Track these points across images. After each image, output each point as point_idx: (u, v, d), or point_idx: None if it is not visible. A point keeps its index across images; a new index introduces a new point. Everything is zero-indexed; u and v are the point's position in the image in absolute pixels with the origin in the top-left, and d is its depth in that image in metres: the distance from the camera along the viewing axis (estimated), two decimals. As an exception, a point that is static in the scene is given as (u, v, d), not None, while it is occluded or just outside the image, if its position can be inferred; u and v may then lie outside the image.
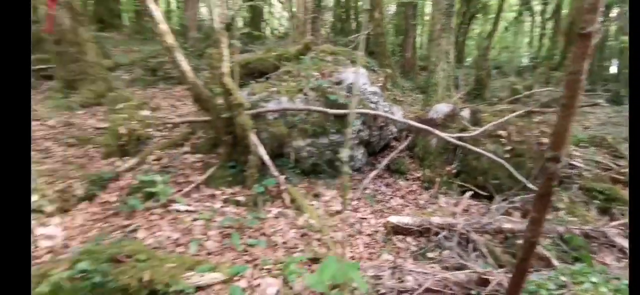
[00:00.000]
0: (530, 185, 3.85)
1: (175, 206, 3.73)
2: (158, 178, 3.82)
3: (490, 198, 4.28)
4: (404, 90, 8.74)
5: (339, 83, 4.75)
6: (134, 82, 7.62)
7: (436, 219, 3.44)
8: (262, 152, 4.13)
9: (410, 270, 2.52)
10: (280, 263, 3.02)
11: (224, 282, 2.72)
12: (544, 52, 13.10)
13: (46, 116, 5.46)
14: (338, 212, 4.05)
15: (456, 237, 3.16)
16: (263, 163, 4.14)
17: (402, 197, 4.52)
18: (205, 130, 5.00)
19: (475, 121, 4.77)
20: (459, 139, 4.25)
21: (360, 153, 4.95)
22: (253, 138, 4.07)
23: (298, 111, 4.32)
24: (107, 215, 3.62)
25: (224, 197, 4.06)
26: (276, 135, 4.33)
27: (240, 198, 4.04)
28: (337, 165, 4.79)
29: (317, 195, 4.36)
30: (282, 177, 4.14)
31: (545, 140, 4.32)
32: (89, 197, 3.80)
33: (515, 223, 3.24)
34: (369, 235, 3.64)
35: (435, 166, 4.75)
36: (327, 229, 3.56)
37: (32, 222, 3.21)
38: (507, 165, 3.93)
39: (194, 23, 10.56)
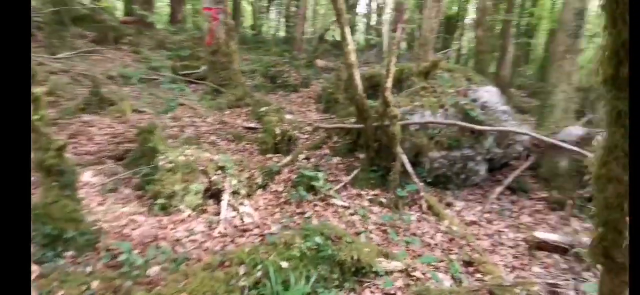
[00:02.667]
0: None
1: (333, 201, 4.40)
2: (320, 175, 4.53)
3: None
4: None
5: (475, 100, 5.10)
6: (257, 88, 8.68)
7: (587, 240, 3.66)
8: (405, 159, 4.65)
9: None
10: (442, 261, 3.50)
11: (402, 271, 3.26)
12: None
13: (205, 114, 6.57)
14: (473, 222, 4.42)
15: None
16: (404, 170, 4.66)
17: (530, 215, 4.74)
18: (341, 136, 5.67)
19: (612, 148, 4.79)
20: None
21: (483, 169, 5.24)
22: (399, 147, 4.60)
23: (441, 125, 4.77)
24: (280, 202, 4.41)
25: (369, 197, 4.65)
26: (416, 145, 4.82)
27: (383, 200, 4.60)
28: (463, 178, 5.15)
29: (449, 205, 4.77)
30: (421, 184, 4.62)
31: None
32: (263, 186, 4.63)
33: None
34: (511, 247, 3.96)
35: (564, 188, 4.88)
36: (471, 236, 3.96)
37: (232, 201, 4.07)
38: None
39: (300, 39, 11.58)
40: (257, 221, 3.95)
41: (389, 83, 4.44)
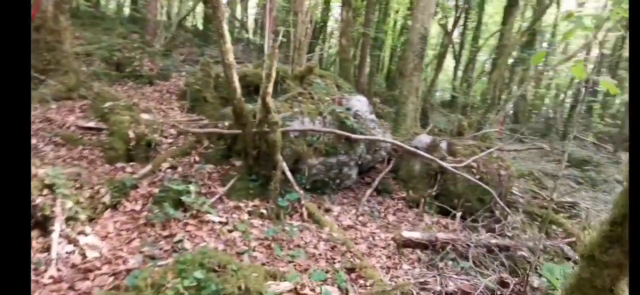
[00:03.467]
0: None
1: (207, 217, 3.84)
2: (191, 187, 3.88)
3: (462, 218, 5.26)
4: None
5: (349, 109, 5.30)
6: (96, 77, 7.02)
7: (441, 235, 4.22)
8: (286, 167, 4.46)
9: (450, 277, 3.19)
10: (328, 272, 3.44)
11: (291, 291, 3.04)
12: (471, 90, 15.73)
13: (18, 108, 4.86)
14: (350, 227, 4.58)
15: (460, 250, 3.95)
16: (285, 178, 4.46)
17: (394, 214, 5.25)
18: (213, 141, 5.07)
19: (451, 152, 5.77)
20: (463, 168, 5.14)
21: (354, 173, 5.55)
22: (279, 154, 4.37)
23: (320, 132, 4.75)
24: (139, 224, 3.57)
25: (249, 209, 4.26)
26: (296, 152, 4.68)
27: (263, 210, 4.29)
28: (338, 182, 5.32)
29: (327, 210, 4.82)
30: (302, 192, 4.51)
31: (503, 172, 5.50)
32: (113, 205, 3.67)
33: (498, 239, 4.18)
34: (383, 247, 4.24)
35: (418, 189, 5.60)
36: (350, 241, 4.07)
37: (68, 230, 3.07)
38: (492, 192, 4.94)
39: (154, 22, 10.01)
40: (106, 255, 3.06)
41: (270, 88, 4.15)
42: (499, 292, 3.12)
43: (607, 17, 2.36)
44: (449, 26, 14.26)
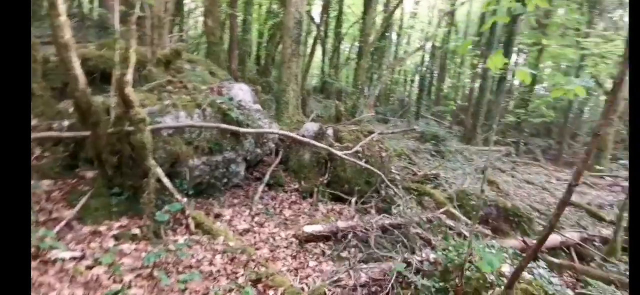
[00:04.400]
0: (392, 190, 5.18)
1: (53, 254, 2.79)
2: (19, 220, 2.72)
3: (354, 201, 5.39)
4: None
5: (231, 99, 4.69)
6: None
7: (341, 224, 4.14)
8: (161, 173, 3.63)
9: (361, 268, 3.09)
10: (231, 290, 2.93)
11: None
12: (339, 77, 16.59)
13: None
14: (247, 230, 4.09)
15: (361, 237, 3.96)
16: (161, 186, 3.64)
17: (289, 207, 4.98)
18: (49, 148, 3.76)
19: (338, 138, 5.81)
20: (351, 154, 5.12)
21: (242, 169, 5.03)
22: (151, 158, 3.52)
23: (201, 128, 4.03)
24: None
25: (114, 232, 3.31)
26: (172, 153, 3.87)
27: (136, 231, 3.41)
28: (225, 182, 4.72)
29: (218, 216, 4.19)
30: (185, 200, 3.77)
31: (384, 153, 5.85)
32: None
33: (391, 219, 4.36)
34: (286, 247, 3.92)
35: (309, 178, 5.46)
36: (250, 248, 3.60)
37: None
38: (381, 174, 5.13)
39: None
40: None
41: (129, 76, 3.26)
42: (405, 273, 3.20)
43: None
44: (315, 14, 14.70)
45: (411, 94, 19.10)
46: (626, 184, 9.70)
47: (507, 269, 2.74)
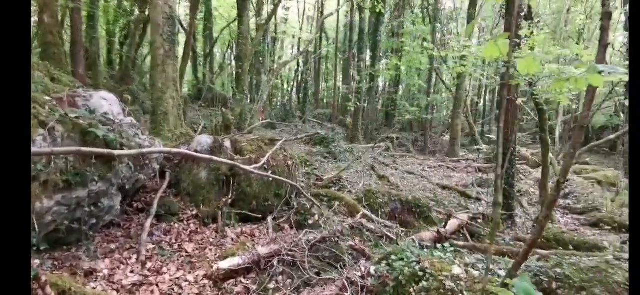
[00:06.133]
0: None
1: None
2: None
3: (262, 218, 4.76)
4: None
5: (92, 112, 3.46)
6: None
7: (262, 250, 3.47)
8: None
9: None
10: None
11: None
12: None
13: None
14: (138, 285, 3.03)
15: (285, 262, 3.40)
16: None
17: (190, 240, 4.02)
18: None
19: (237, 150, 5.03)
20: (263, 168, 4.39)
21: (118, 201, 3.83)
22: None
23: (50, 155, 2.78)
24: None
25: None
26: (4, 197, 2.54)
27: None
28: (94, 222, 3.48)
29: (90, 273, 3.00)
30: (36, 262, 2.52)
31: (290, 161, 5.39)
32: None
33: (317, 234, 3.90)
34: (197, 293, 3.05)
35: (209, 200, 4.56)
36: (149, 310, 2.65)
37: None
38: (296, 184, 4.61)
39: None
40: None
41: None
42: (348, 293, 2.81)
43: None
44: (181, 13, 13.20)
45: (291, 98, 19.21)
46: (477, 164, 11.74)
47: (458, 270, 2.63)
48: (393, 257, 2.82)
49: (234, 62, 16.69)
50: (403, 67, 16.91)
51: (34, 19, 8.29)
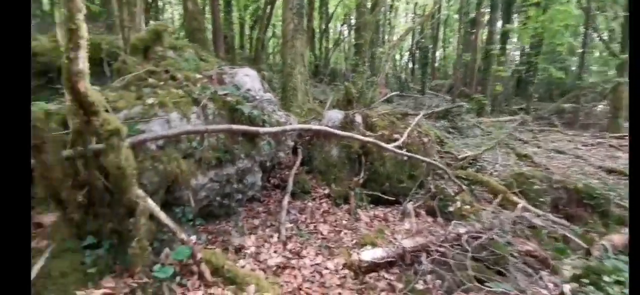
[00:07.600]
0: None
1: None
2: None
3: (397, 202, 4.34)
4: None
5: (238, 88, 3.50)
6: None
7: (407, 243, 3.06)
8: (153, 205, 2.45)
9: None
10: None
11: None
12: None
13: None
14: (281, 267, 2.97)
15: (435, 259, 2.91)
16: (158, 223, 2.47)
17: (324, 221, 3.88)
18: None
19: (368, 126, 4.71)
20: (399, 146, 4.03)
21: (259, 178, 3.88)
22: (136, 187, 2.33)
23: (204, 133, 2.85)
24: None
25: (92, 306, 2.14)
26: (166, 173, 2.68)
27: (126, 297, 2.25)
28: (240, 198, 3.57)
29: (239, 250, 3.06)
30: (193, 238, 2.61)
31: (426, 139, 4.79)
32: None
33: (469, 227, 3.30)
34: (339, 285, 2.83)
35: (340, 179, 4.36)
36: (296, 298, 2.51)
37: None
38: (437, 163, 4.07)
39: None
40: None
41: (82, 63, 2.03)
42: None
43: None
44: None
45: (406, 70, 18.07)
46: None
47: None
48: (605, 277, 2.05)
49: (348, 37, 16.37)
50: (547, 23, 13.99)
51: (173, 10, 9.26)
